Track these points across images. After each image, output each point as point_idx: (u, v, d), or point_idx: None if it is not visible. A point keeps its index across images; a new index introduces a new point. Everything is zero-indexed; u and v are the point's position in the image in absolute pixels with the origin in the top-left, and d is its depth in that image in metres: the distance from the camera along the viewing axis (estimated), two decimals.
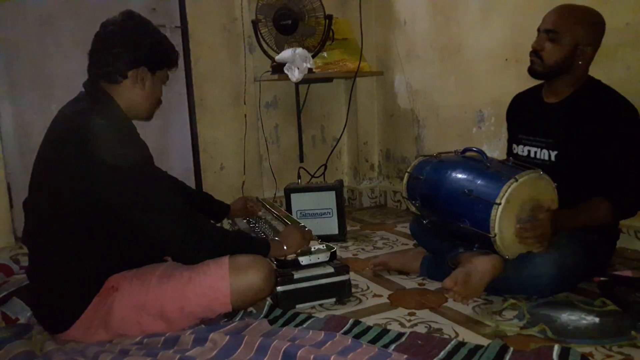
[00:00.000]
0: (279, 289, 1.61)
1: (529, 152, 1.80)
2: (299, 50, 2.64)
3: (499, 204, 1.49)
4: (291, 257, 1.65)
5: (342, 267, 1.68)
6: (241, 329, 1.42)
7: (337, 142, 3.27)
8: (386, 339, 1.37)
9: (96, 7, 2.56)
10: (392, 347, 1.33)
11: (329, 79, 3.03)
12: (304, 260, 1.65)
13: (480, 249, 1.63)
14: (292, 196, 2.46)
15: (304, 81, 2.81)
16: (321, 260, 1.67)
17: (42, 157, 1.43)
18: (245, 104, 2.93)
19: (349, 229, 2.59)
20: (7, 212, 2.42)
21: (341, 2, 3.17)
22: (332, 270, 1.66)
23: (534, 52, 1.71)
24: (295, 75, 2.63)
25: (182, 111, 2.88)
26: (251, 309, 1.59)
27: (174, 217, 1.39)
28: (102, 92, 1.44)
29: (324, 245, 1.73)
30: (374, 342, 1.36)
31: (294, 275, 1.63)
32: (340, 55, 2.94)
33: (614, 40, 1.91)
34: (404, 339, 1.36)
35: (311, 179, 2.97)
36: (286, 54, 2.65)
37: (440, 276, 1.66)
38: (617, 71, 1.92)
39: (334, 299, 1.68)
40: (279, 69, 2.72)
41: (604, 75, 1.75)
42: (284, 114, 3.14)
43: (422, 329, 1.46)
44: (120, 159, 1.33)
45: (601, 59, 1.85)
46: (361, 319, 1.50)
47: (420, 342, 1.34)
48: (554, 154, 1.72)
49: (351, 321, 1.47)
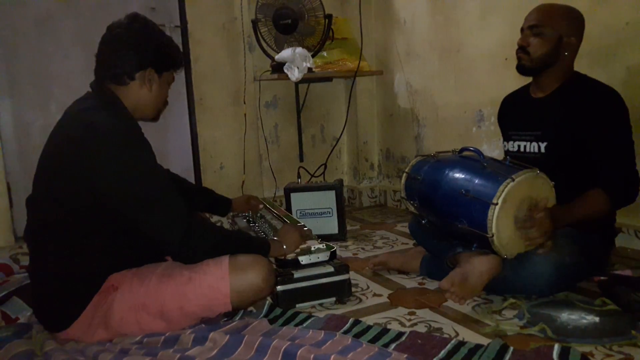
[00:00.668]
0: (279, 288, 1.61)
1: (519, 147, 1.82)
2: (299, 49, 2.64)
3: (496, 204, 1.49)
4: (291, 256, 1.65)
5: (342, 267, 1.68)
6: (241, 328, 1.42)
7: (337, 142, 3.27)
8: (386, 339, 1.37)
9: (96, 6, 2.57)
10: (392, 346, 1.33)
11: (328, 79, 3.04)
12: (304, 259, 1.65)
13: (478, 249, 1.62)
14: (292, 196, 2.46)
15: (304, 80, 2.82)
16: (321, 259, 1.67)
17: (47, 154, 1.43)
18: (245, 103, 2.93)
19: (348, 228, 2.59)
20: (7, 212, 2.42)
21: (341, 2, 3.17)
22: (332, 269, 1.66)
23: (520, 49, 1.74)
24: (295, 74, 2.63)
25: (182, 111, 2.88)
26: (251, 308, 1.59)
27: (174, 217, 1.39)
28: (109, 93, 1.45)
29: (324, 244, 1.73)
30: (374, 341, 1.36)
31: (293, 274, 1.63)
32: (340, 54, 2.93)
33: (614, 40, 1.91)
34: (404, 338, 1.36)
35: (311, 179, 2.96)
36: (286, 54, 2.65)
37: (440, 275, 1.66)
38: (617, 71, 1.92)
39: (333, 299, 1.68)
40: (278, 68, 2.72)
41: (604, 75, 1.75)
42: (283, 113, 3.14)
43: (422, 329, 1.46)
44: (124, 157, 1.34)
45: (601, 58, 1.85)
46: (361, 319, 1.51)
47: (420, 341, 1.34)
48: (543, 146, 1.73)
49: (351, 320, 1.47)
